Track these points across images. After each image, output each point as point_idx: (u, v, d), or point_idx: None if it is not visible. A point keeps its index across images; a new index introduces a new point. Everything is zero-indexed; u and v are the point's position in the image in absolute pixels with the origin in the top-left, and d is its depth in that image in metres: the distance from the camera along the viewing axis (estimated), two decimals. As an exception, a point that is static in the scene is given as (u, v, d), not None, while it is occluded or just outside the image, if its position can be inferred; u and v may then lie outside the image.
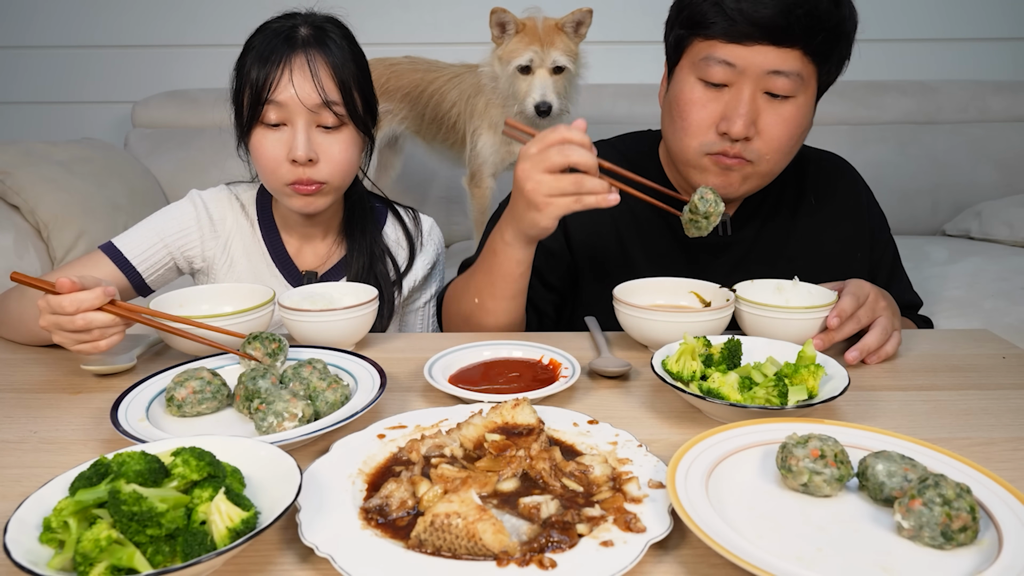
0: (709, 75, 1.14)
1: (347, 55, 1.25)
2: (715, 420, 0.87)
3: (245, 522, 0.59)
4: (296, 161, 1.21)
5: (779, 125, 1.15)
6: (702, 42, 1.15)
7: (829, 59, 1.15)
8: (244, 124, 1.25)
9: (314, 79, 1.20)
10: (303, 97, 1.20)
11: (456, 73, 2.32)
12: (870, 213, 1.38)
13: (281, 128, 1.23)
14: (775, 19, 1.08)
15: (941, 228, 2.62)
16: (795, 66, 1.11)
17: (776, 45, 1.10)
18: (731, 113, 1.13)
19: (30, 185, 2.08)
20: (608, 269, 1.30)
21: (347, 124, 1.25)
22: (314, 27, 1.25)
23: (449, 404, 0.90)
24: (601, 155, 1.01)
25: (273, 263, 1.36)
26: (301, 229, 1.37)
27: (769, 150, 1.16)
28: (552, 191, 0.99)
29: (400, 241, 1.43)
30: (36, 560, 0.56)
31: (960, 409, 0.91)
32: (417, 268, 1.42)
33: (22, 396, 0.96)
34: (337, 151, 1.24)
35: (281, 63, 1.20)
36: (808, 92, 1.16)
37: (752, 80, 1.12)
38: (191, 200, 1.36)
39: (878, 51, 2.92)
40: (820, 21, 1.09)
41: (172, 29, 2.95)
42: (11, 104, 3.09)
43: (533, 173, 1.00)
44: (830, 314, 1.04)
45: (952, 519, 0.60)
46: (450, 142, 2.35)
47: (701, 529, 0.59)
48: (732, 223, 1.31)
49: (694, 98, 1.16)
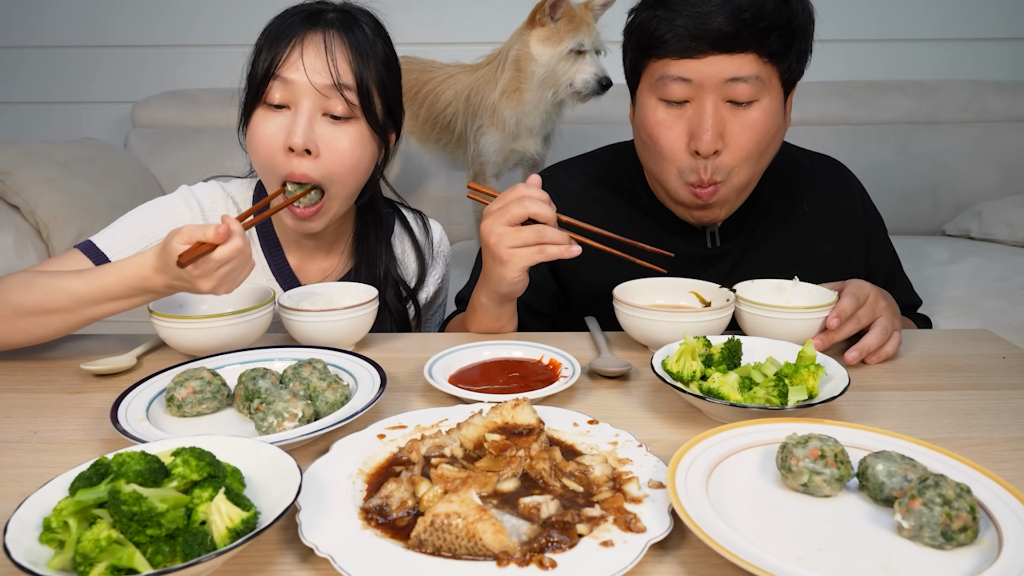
0: (668, 94, 1.13)
1: (374, 47, 1.14)
2: (715, 420, 0.87)
3: (245, 522, 0.59)
4: (293, 150, 1.09)
5: (745, 133, 1.13)
6: (656, 62, 1.14)
7: (787, 56, 1.13)
8: (246, 104, 1.14)
9: (328, 56, 1.09)
10: (312, 76, 1.08)
11: (451, 74, 2.32)
12: (866, 217, 1.36)
13: (284, 112, 1.11)
14: (722, 28, 1.07)
15: (941, 228, 2.62)
16: (752, 70, 1.10)
17: (728, 53, 1.09)
18: (696, 129, 1.12)
19: (30, 185, 2.08)
20: (596, 287, 1.27)
21: (359, 118, 1.13)
22: (343, 12, 1.16)
23: (449, 404, 0.90)
24: (580, 169, 1.04)
25: (274, 277, 1.27)
26: (303, 242, 1.26)
27: (737, 161, 1.15)
28: (514, 242, 1.03)
29: (407, 252, 1.35)
30: (36, 560, 0.56)
31: (960, 409, 0.91)
32: (428, 285, 1.36)
33: (22, 396, 0.96)
34: (343, 145, 1.11)
35: (294, 38, 1.10)
36: (772, 93, 1.13)
37: (711, 92, 1.11)
38: (183, 197, 1.24)
39: (878, 51, 2.92)
40: (769, 21, 1.08)
41: (173, 29, 2.96)
42: (11, 104, 3.09)
43: (495, 227, 1.04)
44: (830, 314, 1.04)
45: (952, 519, 0.60)
46: (444, 142, 2.35)
47: (701, 529, 0.59)
48: (720, 234, 1.29)
49: (659, 119, 1.16)
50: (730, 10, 1.06)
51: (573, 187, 1.34)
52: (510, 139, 2.21)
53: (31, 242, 2.06)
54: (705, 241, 1.29)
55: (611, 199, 1.32)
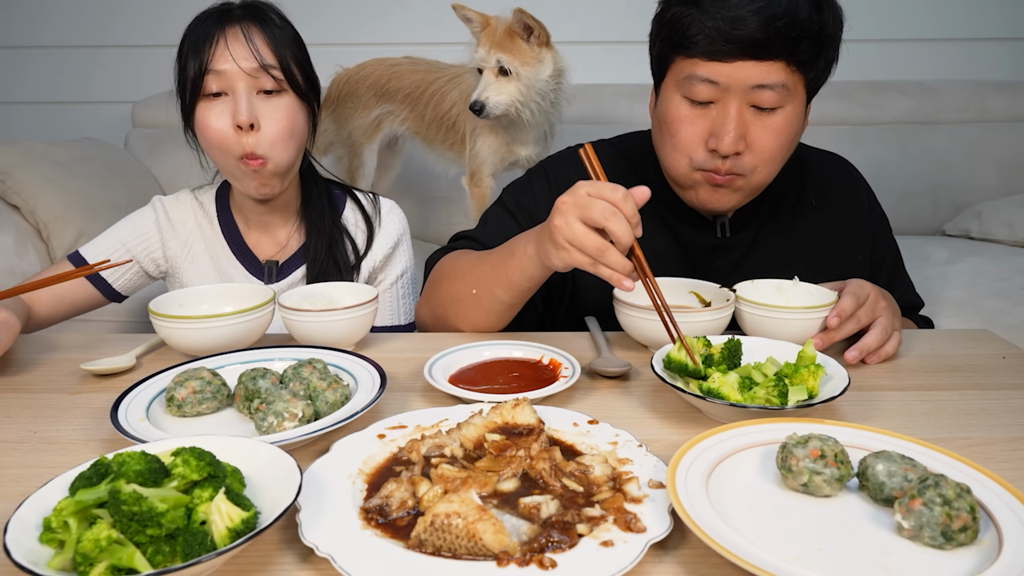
0: (694, 94, 1.13)
1: (283, 31, 1.30)
2: (715, 420, 0.87)
3: (245, 522, 0.59)
4: (240, 128, 1.23)
5: (768, 137, 1.13)
6: (684, 60, 1.13)
7: (815, 65, 1.12)
8: (188, 103, 1.28)
9: (249, 44, 1.24)
10: (240, 62, 1.23)
11: (456, 73, 2.31)
12: (871, 214, 1.37)
13: (223, 98, 1.25)
14: (754, 35, 1.06)
15: (941, 228, 2.62)
16: (779, 78, 1.09)
17: (758, 60, 1.08)
18: (719, 130, 1.12)
19: (30, 185, 2.08)
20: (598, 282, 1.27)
21: (287, 91, 1.28)
22: (247, 7, 1.30)
23: (449, 404, 0.90)
24: (600, 155, 0.96)
25: (234, 256, 1.39)
26: (259, 218, 1.39)
27: (760, 162, 1.15)
28: (574, 241, 0.92)
29: (359, 224, 1.44)
30: (36, 560, 0.56)
31: (960, 409, 0.91)
32: (376, 249, 1.43)
33: (22, 396, 0.96)
34: (278, 117, 1.26)
35: (216, 36, 1.25)
36: (796, 100, 1.14)
37: (737, 96, 1.11)
38: (152, 205, 1.41)
39: (878, 51, 2.92)
40: (802, 30, 1.07)
41: (172, 29, 2.92)
42: (11, 104, 3.08)
43: (568, 214, 0.92)
44: (830, 314, 1.04)
45: (952, 519, 0.60)
46: (450, 142, 2.34)
47: (701, 529, 0.59)
48: (731, 224, 1.30)
49: (681, 115, 1.15)
50: (764, 17, 1.05)
51: None
52: (504, 141, 2.21)
53: (31, 242, 2.06)
54: (715, 231, 1.29)
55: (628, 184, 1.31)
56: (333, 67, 2.39)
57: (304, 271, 1.38)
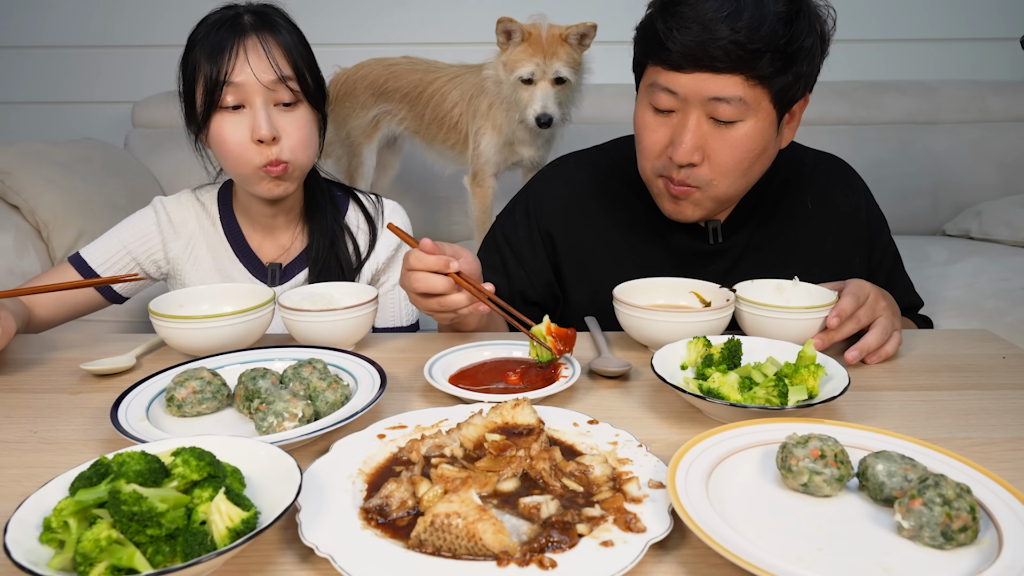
0: (656, 101, 1.14)
1: (295, 37, 1.29)
2: (715, 420, 0.87)
3: (245, 522, 0.59)
4: (262, 141, 1.23)
5: (726, 151, 1.13)
6: (651, 68, 1.14)
7: (780, 79, 1.09)
8: (201, 114, 1.26)
9: (269, 57, 1.24)
10: (260, 75, 1.23)
11: (456, 73, 2.32)
12: (869, 216, 1.36)
13: (240, 111, 1.24)
14: (706, 48, 1.05)
15: (941, 228, 2.62)
16: (736, 92, 1.08)
17: (714, 72, 1.07)
18: (676, 139, 1.13)
19: (30, 185, 2.08)
20: (598, 278, 1.28)
21: (303, 101, 1.28)
22: (257, 14, 1.29)
23: (449, 404, 0.90)
24: (590, 160, 1.01)
25: (236, 258, 1.38)
26: (263, 220, 1.39)
27: (717, 175, 1.15)
28: (418, 305, 1.08)
29: (361, 225, 1.44)
30: (36, 560, 0.56)
31: (960, 409, 0.91)
32: (379, 251, 1.43)
33: (22, 396, 0.96)
34: (297, 128, 1.27)
35: (234, 45, 1.23)
36: (760, 114, 1.11)
37: (696, 107, 1.11)
38: (153, 206, 1.40)
39: (878, 51, 2.92)
40: (763, 44, 1.04)
41: (172, 29, 2.93)
42: (11, 104, 3.09)
43: (405, 287, 1.08)
44: (830, 314, 1.04)
45: (952, 519, 0.60)
46: (451, 142, 2.35)
47: (701, 529, 0.59)
48: (723, 229, 1.29)
49: (646, 122, 1.17)
50: (724, 31, 1.04)
51: (580, 176, 1.35)
52: (507, 141, 2.21)
53: (31, 242, 2.06)
54: (707, 237, 1.29)
55: (617, 190, 1.33)
56: (332, 67, 2.39)
57: (307, 275, 1.38)
